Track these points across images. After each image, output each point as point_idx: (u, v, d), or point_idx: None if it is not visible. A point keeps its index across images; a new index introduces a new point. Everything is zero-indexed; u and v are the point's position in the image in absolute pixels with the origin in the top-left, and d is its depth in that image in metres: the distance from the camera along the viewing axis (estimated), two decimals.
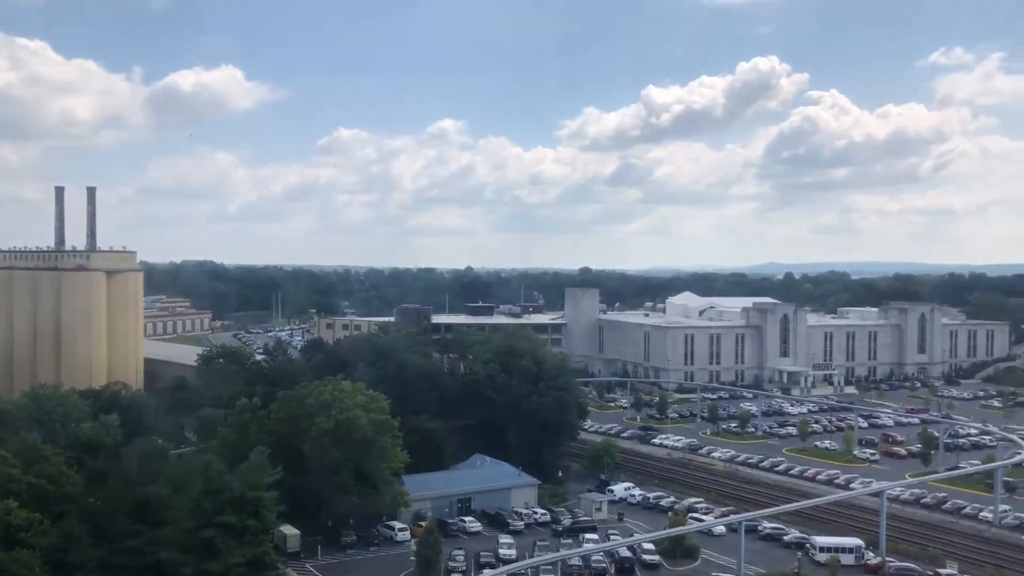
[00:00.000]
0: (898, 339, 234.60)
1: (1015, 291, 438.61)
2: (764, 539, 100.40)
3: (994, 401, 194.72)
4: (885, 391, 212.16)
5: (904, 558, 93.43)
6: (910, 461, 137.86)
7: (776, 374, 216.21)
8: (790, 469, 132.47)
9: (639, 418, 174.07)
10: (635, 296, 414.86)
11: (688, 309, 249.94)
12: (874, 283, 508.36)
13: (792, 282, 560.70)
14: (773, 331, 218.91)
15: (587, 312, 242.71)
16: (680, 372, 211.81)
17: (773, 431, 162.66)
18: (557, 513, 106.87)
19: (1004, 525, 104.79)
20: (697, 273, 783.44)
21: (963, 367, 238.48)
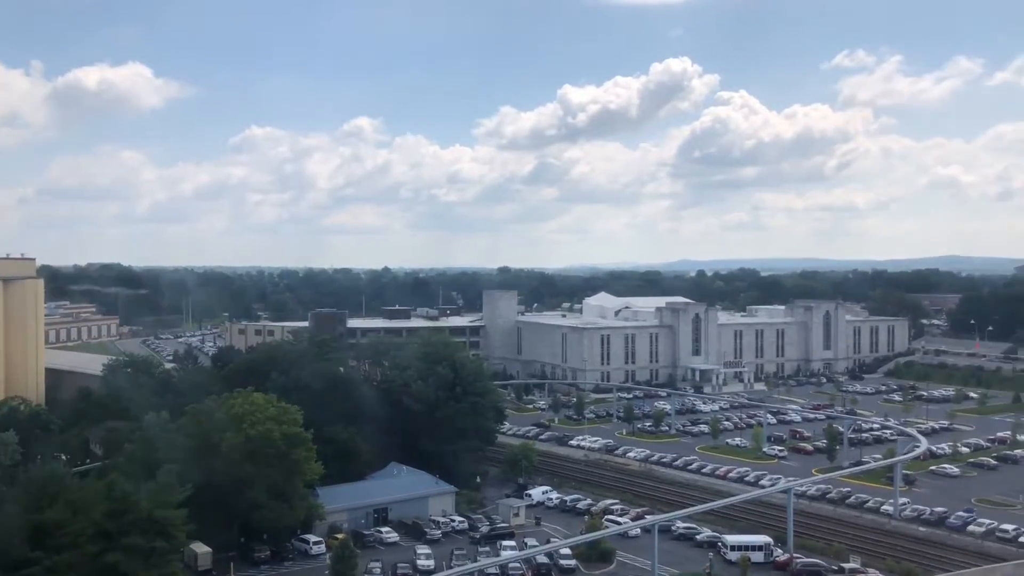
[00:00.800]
0: (804, 336, 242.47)
1: (914, 286, 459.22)
2: (678, 539, 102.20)
3: (895, 395, 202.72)
4: (793, 387, 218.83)
5: (811, 553, 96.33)
6: (817, 456, 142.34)
7: (689, 372, 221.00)
8: (703, 467, 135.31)
9: (556, 419, 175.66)
10: (554, 296, 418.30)
11: (604, 310, 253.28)
12: (781, 280, 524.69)
13: (704, 280, 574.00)
14: (686, 330, 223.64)
15: (505, 314, 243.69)
16: (597, 372, 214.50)
17: (687, 429, 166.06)
18: (475, 520, 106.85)
19: (903, 517, 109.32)
20: (614, 272, 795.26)
21: (866, 362, 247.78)
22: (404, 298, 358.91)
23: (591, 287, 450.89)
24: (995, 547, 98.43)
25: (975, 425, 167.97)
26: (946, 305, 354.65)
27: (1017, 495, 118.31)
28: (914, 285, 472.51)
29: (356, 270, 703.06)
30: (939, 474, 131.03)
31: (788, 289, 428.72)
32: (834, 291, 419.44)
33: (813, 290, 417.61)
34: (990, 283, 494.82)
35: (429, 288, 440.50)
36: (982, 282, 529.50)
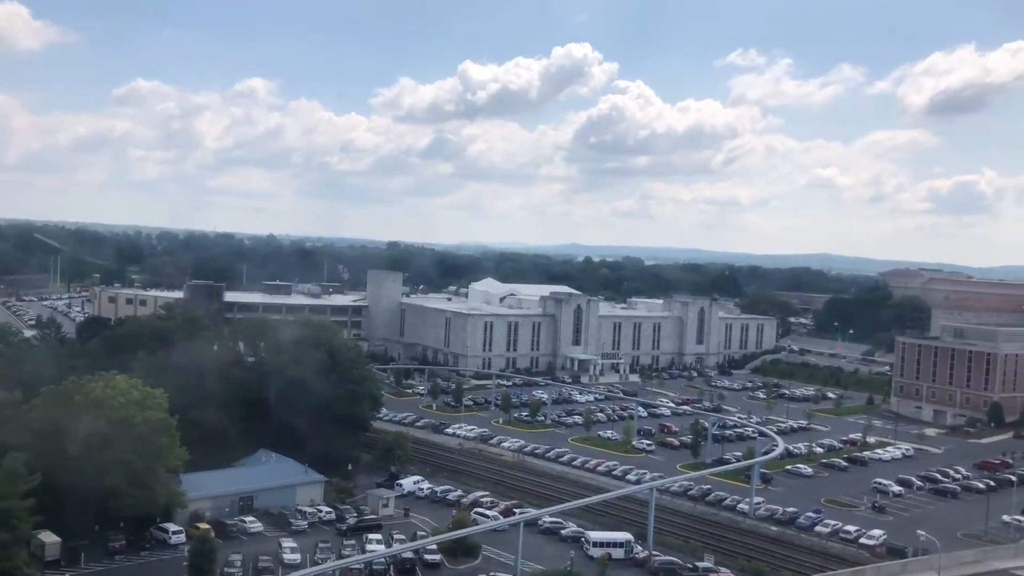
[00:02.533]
0: (680, 330, 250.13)
1: (786, 284, 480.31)
2: (543, 533, 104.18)
3: (760, 393, 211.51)
4: (665, 380, 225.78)
5: (669, 551, 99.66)
6: (683, 452, 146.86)
7: (568, 362, 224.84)
8: (573, 460, 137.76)
9: (434, 405, 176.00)
10: (443, 276, 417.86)
11: (490, 295, 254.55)
12: (664, 272, 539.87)
13: (591, 266, 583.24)
14: (567, 320, 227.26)
15: (389, 295, 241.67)
16: (478, 359, 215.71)
17: (561, 420, 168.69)
18: (343, 511, 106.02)
19: (757, 516, 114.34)
20: (505, 252, 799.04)
21: (735, 358, 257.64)
22: (289, 269, 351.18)
23: (480, 268, 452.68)
24: (838, 547, 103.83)
25: (831, 426, 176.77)
26: (814, 305, 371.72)
27: (862, 496, 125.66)
28: (786, 283, 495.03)
29: (240, 235, 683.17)
30: (794, 474, 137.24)
31: (669, 281, 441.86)
32: (712, 285, 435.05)
33: (693, 283, 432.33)
34: (857, 284, 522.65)
35: (315, 259, 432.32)
36: (849, 282, 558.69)
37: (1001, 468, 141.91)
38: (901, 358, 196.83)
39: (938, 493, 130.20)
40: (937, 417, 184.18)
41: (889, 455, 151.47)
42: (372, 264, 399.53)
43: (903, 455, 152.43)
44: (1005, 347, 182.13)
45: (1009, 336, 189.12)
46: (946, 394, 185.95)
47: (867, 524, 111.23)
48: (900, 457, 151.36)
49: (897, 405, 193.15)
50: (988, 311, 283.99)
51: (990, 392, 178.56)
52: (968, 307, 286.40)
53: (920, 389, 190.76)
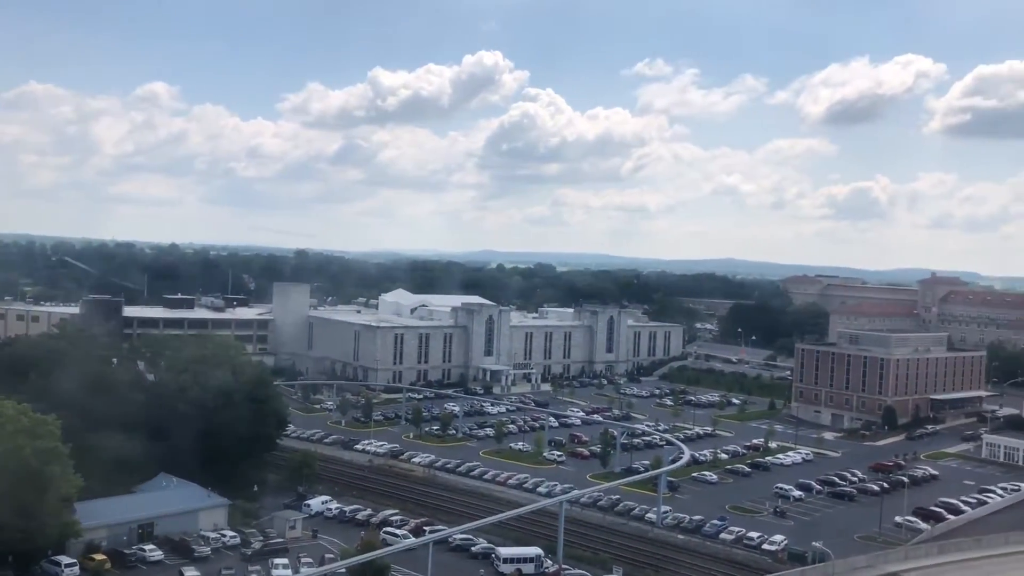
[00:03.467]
0: (590, 339, 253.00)
1: (693, 290, 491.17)
2: (454, 551, 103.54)
3: (667, 399, 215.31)
4: (576, 388, 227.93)
5: (579, 564, 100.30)
6: (592, 461, 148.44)
7: (480, 373, 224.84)
8: (484, 473, 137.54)
9: (343, 421, 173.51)
10: (353, 285, 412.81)
11: (400, 306, 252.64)
12: (575, 279, 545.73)
13: (503, 273, 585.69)
14: (479, 331, 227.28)
15: (296, 308, 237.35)
16: (389, 372, 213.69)
17: (473, 432, 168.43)
18: (248, 535, 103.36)
19: (665, 526, 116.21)
20: (416, 260, 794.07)
21: (644, 365, 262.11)
22: (192, 280, 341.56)
23: (391, 277, 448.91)
24: (742, 554, 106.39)
25: (735, 431, 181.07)
26: (719, 311, 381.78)
27: (765, 502, 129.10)
28: (693, 288, 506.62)
29: (141, 244, 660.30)
30: (700, 481, 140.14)
31: (581, 289, 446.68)
32: (621, 292, 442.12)
33: (603, 290, 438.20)
34: (760, 288, 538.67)
35: (220, 270, 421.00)
36: (753, 287, 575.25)
37: (894, 470, 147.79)
38: (801, 364, 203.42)
39: (836, 496, 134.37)
40: (835, 421, 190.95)
41: (790, 460, 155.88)
42: (280, 273, 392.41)
43: (803, 459, 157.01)
44: (897, 352, 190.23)
45: (900, 342, 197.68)
46: (843, 398, 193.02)
47: (769, 529, 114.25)
48: (800, 461, 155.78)
49: (798, 410, 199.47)
50: (881, 315, 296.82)
51: (884, 396, 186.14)
52: (863, 312, 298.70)
53: (819, 394, 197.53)
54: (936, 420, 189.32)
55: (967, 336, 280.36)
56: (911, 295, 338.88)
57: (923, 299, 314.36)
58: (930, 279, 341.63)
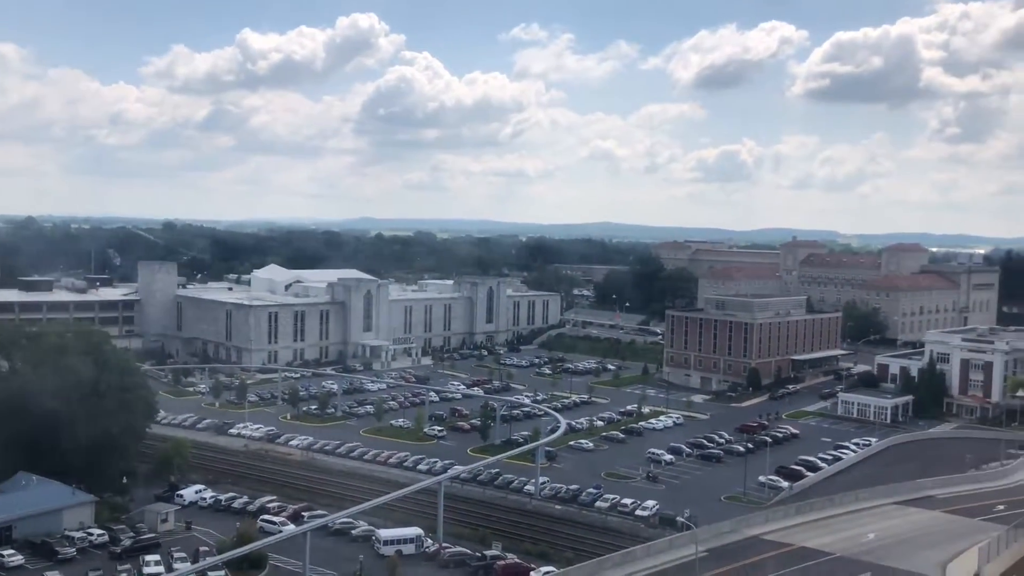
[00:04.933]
0: (470, 310, 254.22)
1: (570, 255, 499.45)
2: (334, 535, 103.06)
3: (546, 368, 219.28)
4: (457, 361, 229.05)
5: (459, 541, 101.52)
6: (473, 435, 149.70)
7: (360, 349, 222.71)
8: (365, 454, 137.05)
9: (216, 404, 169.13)
10: (226, 258, 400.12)
11: (274, 283, 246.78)
12: (456, 247, 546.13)
13: (383, 243, 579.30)
14: (357, 306, 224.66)
15: (164, 288, 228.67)
16: (264, 352, 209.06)
17: (353, 411, 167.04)
18: (117, 531, 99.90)
19: (543, 497, 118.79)
20: (292, 229, 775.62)
21: (523, 334, 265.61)
22: (51, 257, 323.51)
23: (266, 249, 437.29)
24: (616, 521, 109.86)
25: (610, 397, 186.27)
26: (595, 277, 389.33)
27: (638, 467, 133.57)
28: (570, 255, 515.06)
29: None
30: (577, 449, 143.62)
31: (461, 257, 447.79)
32: (502, 260, 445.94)
33: (484, 258, 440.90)
34: (635, 252, 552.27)
35: (81, 244, 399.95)
36: (628, 251, 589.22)
37: (758, 430, 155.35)
38: (671, 329, 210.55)
39: (705, 458, 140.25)
40: (704, 384, 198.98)
41: (662, 424, 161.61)
42: (146, 247, 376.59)
43: (674, 423, 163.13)
44: (759, 316, 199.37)
45: (763, 306, 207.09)
46: (711, 362, 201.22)
47: (642, 495, 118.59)
48: (672, 425, 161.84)
49: (669, 374, 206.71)
50: (746, 278, 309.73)
51: (748, 359, 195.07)
52: (729, 276, 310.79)
53: (689, 358, 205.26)
54: (797, 380, 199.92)
55: (826, 296, 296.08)
56: (774, 258, 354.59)
57: (784, 262, 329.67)
58: (791, 243, 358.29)
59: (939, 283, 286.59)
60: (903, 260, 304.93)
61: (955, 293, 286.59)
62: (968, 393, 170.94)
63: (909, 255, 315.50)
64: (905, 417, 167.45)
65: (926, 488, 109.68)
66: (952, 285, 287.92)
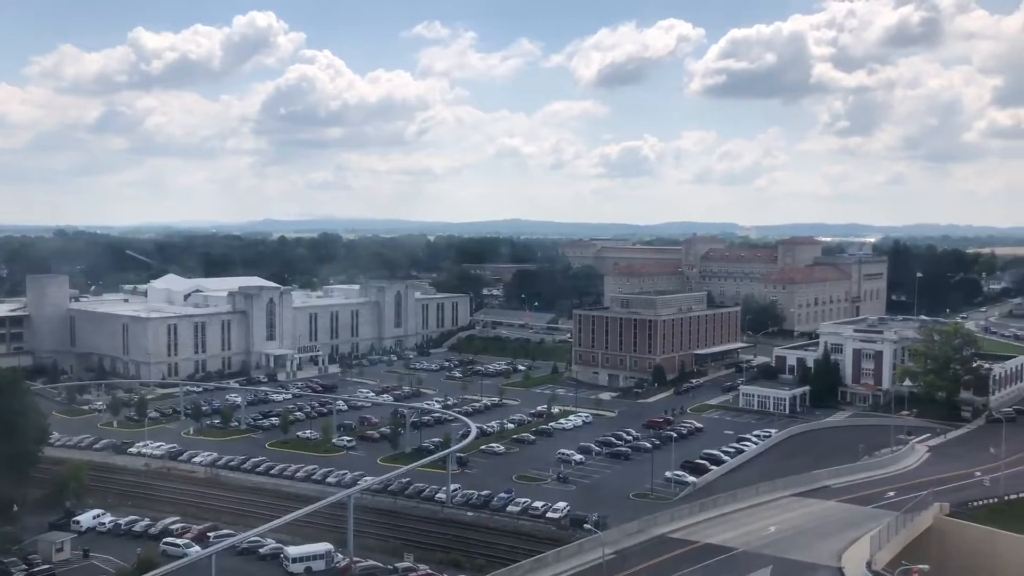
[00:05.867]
0: (377, 315, 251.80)
1: (480, 255, 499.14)
2: (241, 555, 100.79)
3: (456, 371, 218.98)
4: (366, 367, 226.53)
5: (371, 554, 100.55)
6: (383, 444, 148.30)
7: (263, 359, 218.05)
8: (271, 468, 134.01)
9: (115, 422, 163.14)
10: (122, 268, 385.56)
11: (172, 293, 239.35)
12: (362, 248, 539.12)
13: (287, 246, 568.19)
14: (259, 315, 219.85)
15: (55, 302, 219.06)
16: (163, 365, 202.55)
17: (258, 423, 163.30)
18: (8, 564, 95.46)
19: (455, 504, 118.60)
20: (192, 233, 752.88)
21: (433, 337, 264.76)
22: None
23: (165, 255, 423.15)
24: (528, 524, 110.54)
25: (521, 399, 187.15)
26: (504, 276, 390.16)
27: (548, 468, 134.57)
28: (480, 253, 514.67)
29: None
30: (488, 453, 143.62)
31: (367, 259, 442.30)
32: (410, 261, 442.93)
33: (392, 260, 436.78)
34: (544, 249, 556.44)
35: None
36: (537, 248, 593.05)
37: (664, 425, 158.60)
38: (578, 328, 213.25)
39: (614, 456, 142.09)
40: (612, 381, 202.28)
41: (571, 424, 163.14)
42: (35, 256, 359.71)
43: (583, 422, 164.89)
44: (663, 313, 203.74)
45: (665, 303, 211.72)
46: (618, 359, 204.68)
47: (553, 496, 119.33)
48: (581, 424, 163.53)
49: (578, 372, 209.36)
50: (650, 275, 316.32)
51: (653, 355, 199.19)
52: (633, 273, 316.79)
53: (596, 356, 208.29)
54: (700, 374, 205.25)
55: (725, 290, 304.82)
56: (676, 254, 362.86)
57: (686, 257, 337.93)
58: (691, 239, 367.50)
59: (832, 275, 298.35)
60: (798, 253, 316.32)
61: (847, 283, 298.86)
62: (861, 382, 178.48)
63: (803, 248, 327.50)
64: (803, 407, 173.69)
65: (822, 479, 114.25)
66: (844, 276, 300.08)
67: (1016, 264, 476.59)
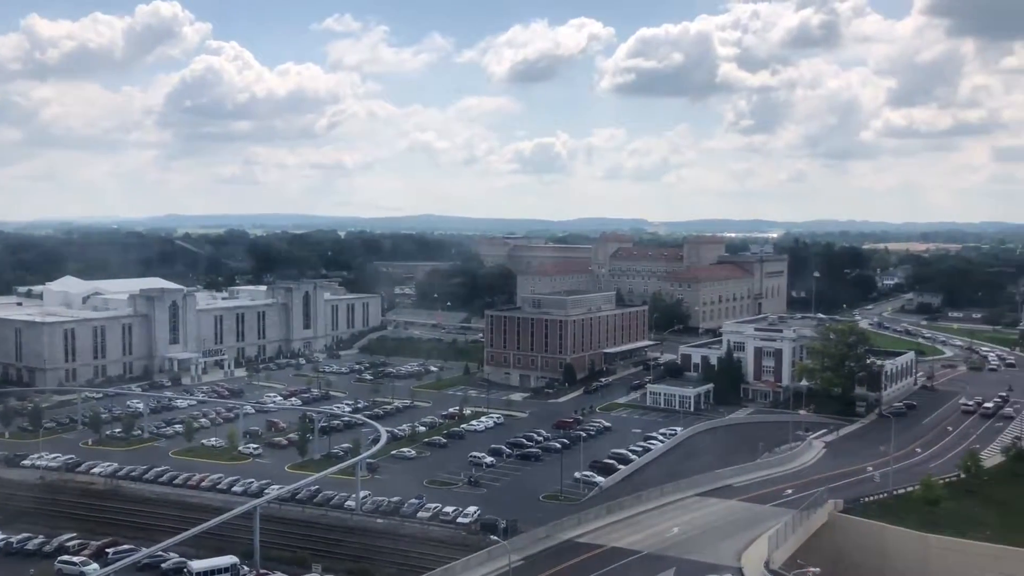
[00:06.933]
0: (285, 317, 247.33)
1: (392, 251, 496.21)
2: (142, 571, 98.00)
3: (367, 374, 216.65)
4: (273, 371, 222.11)
5: (279, 566, 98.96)
6: (291, 450, 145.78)
7: (167, 363, 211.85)
8: (175, 478, 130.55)
9: (7, 433, 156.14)
10: (16, 267, 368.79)
11: (70, 296, 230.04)
12: (271, 245, 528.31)
13: (192, 242, 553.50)
14: (163, 318, 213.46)
15: None
16: (60, 372, 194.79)
17: (161, 431, 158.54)
18: None
19: (364, 511, 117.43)
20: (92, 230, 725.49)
21: (343, 339, 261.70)
22: None
23: (63, 254, 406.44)
24: (438, 530, 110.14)
25: (433, 401, 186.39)
26: (417, 274, 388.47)
27: (460, 472, 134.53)
28: (392, 251, 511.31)
29: None
30: (399, 458, 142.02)
31: (276, 257, 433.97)
32: (320, 259, 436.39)
33: (301, 258, 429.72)
34: (457, 245, 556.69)
35: None
36: (451, 244, 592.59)
37: (573, 426, 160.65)
38: (490, 329, 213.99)
39: (524, 458, 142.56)
40: (523, 381, 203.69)
41: (483, 425, 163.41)
42: None
43: (495, 424, 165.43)
44: (573, 313, 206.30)
45: (576, 303, 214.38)
46: (529, 359, 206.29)
47: (464, 501, 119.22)
48: (493, 426, 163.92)
49: (490, 373, 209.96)
50: (561, 274, 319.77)
51: (564, 355, 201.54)
52: (545, 272, 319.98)
53: (508, 357, 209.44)
54: (609, 372, 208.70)
55: (634, 288, 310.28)
56: (587, 252, 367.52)
57: (596, 256, 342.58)
58: (601, 237, 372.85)
59: (735, 272, 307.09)
60: (703, 251, 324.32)
61: (750, 281, 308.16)
62: (762, 379, 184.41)
63: (708, 246, 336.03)
64: (707, 405, 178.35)
65: (724, 478, 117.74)
66: (747, 274, 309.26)
67: (908, 260, 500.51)
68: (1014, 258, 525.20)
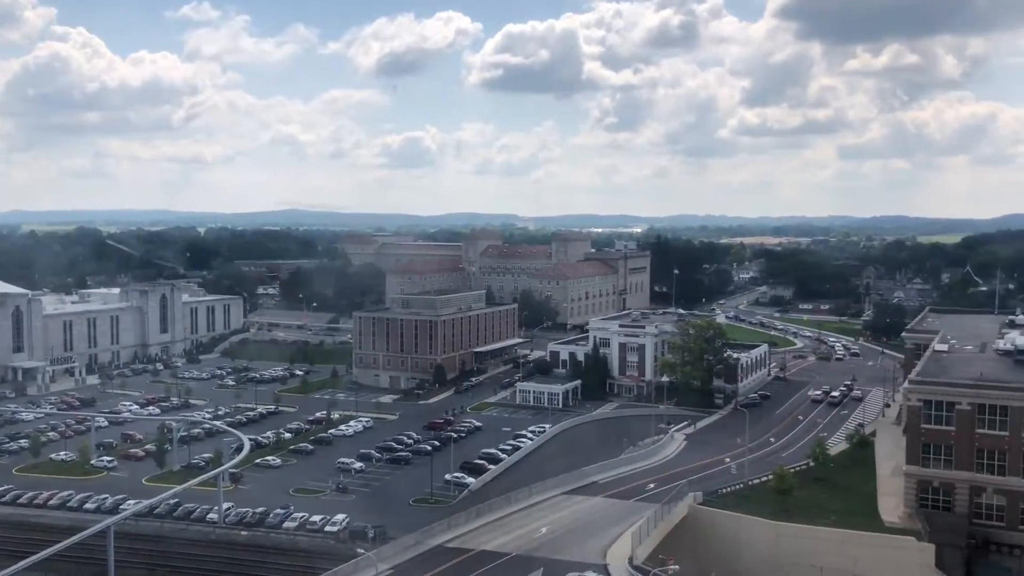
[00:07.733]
0: (141, 321, 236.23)
1: (255, 249, 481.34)
2: None
3: (229, 379, 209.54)
4: (129, 378, 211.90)
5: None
6: (148, 462, 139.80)
7: (10, 372, 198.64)
8: (19, 497, 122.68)
9: None
10: None
11: None
12: (125, 244, 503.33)
13: (37, 241, 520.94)
14: (4, 325, 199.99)
15: None
16: None
17: (4, 447, 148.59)
18: None
19: (228, 523, 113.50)
20: None
21: (203, 342, 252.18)
22: None
23: None
24: (306, 540, 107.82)
25: (299, 406, 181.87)
26: (281, 273, 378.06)
27: (327, 479, 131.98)
28: (255, 248, 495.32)
29: None
30: (263, 467, 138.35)
31: (130, 257, 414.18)
32: (178, 258, 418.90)
33: (158, 256, 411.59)
34: (323, 242, 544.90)
35: None
36: (317, 240, 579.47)
37: (444, 426, 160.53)
38: (359, 331, 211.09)
39: (394, 462, 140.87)
40: (393, 383, 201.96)
41: (352, 429, 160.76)
42: None
43: (364, 427, 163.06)
44: (443, 313, 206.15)
45: (446, 303, 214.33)
46: (399, 360, 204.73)
47: (333, 508, 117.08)
48: (362, 430, 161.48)
49: (359, 375, 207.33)
50: (431, 272, 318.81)
51: (434, 355, 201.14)
52: (415, 270, 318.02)
53: (377, 358, 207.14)
54: (480, 371, 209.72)
55: (504, 286, 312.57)
56: (457, 250, 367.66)
57: (466, 254, 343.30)
58: (471, 235, 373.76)
59: (601, 269, 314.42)
60: (570, 248, 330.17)
61: (615, 277, 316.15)
62: (626, 374, 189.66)
63: (575, 244, 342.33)
64: (575, 401, 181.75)
65: (590, 475, 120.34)
66: (612, 270, 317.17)
67: (762, 254, 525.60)
68: (858, 251, 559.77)
